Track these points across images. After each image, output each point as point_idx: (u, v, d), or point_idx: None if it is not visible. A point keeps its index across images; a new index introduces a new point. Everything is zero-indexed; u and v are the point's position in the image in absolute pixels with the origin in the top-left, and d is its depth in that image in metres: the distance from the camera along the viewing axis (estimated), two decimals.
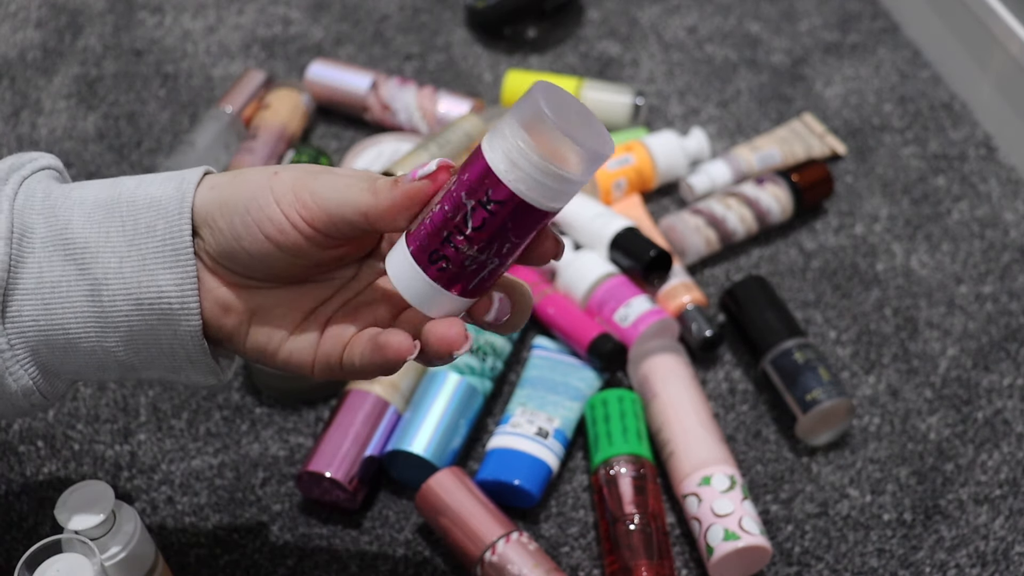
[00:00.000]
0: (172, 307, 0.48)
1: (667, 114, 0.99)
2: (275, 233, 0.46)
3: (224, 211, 0.47)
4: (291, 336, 0.50)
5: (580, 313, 0.81)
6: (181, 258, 0.48)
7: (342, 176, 0.46)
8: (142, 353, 0.50)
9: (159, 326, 0.49)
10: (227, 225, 0.47)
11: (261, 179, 0.47)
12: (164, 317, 0.49)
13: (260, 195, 0.46)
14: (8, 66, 1.02)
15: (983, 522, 0.73)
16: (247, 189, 0.47)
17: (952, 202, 0.92)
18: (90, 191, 0.50)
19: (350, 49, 1.04)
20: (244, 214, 0.46)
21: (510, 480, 0.71)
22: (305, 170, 0.47)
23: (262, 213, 0.46)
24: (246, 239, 0.47)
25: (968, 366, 0.81)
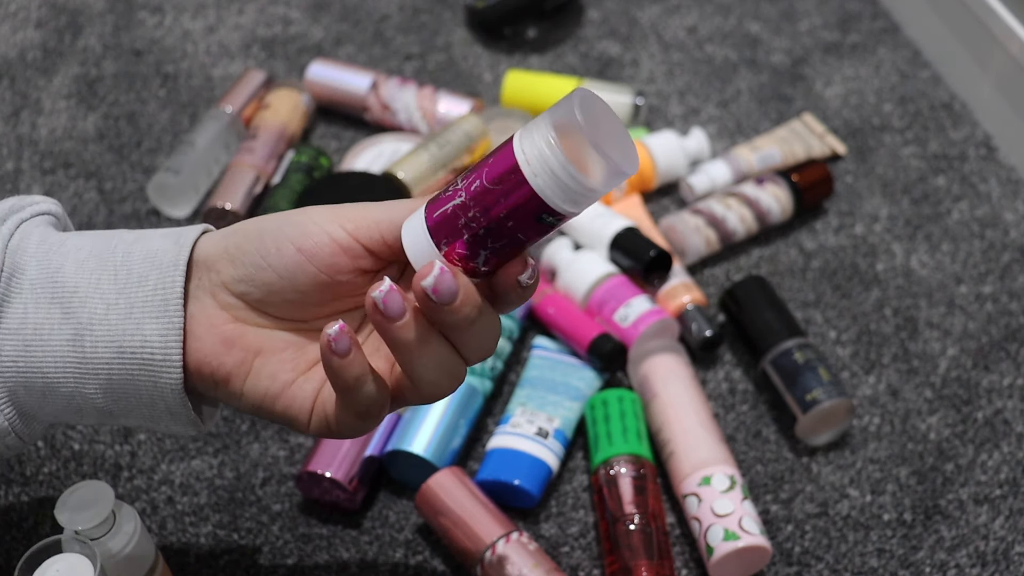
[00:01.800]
0: (155, 357, 0.47)
1: (667, 114, 0.99)
2: (311, 245, 0.46)
3: (250, 237, 0.47)
4: (294, 382, 0.49)
5: (580, 313, 0.81)
6: (169, 309, 0.47)
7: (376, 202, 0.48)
8: (121, 402, 0.49)
9: (140, 376, 0.48)
10: (254, 247, 0.47)
11: (286, 212, 0.48)
12: (145, 367, 0.48)
13: (292, 217, 0.47)
14: (8, 66, 1.02)
15: (983, 522, 0.73)
16: (273, 219, 0.47)
17: (952, 202, 0.93)
18: (86, 240, 0.50)
19: (350, 49, 1.04)
20: (276, 231, 0.47)
21: (510, 480, 0.71)
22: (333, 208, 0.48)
23: (297, 229, 0.46)
24: (275, 255, 0.46)
25: (968, 366, 0.81)
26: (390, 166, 0.87)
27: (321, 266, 0.46)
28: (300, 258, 0.46)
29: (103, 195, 0.91)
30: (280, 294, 0.47)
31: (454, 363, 0.46)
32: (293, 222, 0.47)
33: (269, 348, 0.49)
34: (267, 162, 0.91)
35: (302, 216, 0.47)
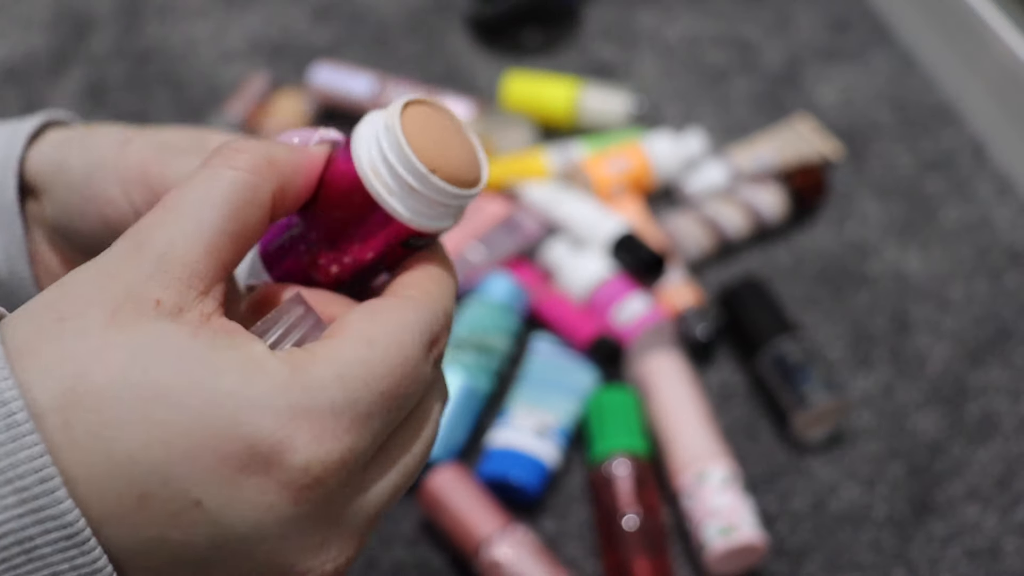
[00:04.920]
0: (1, 275, 0.40)
1: (664, 117, 1.00)
2: (116, 218, 0.37)
3: (63, 178, 0.38)
4: None
5: (579, 313, 0.82)
6: (5, 218, 0.39)
7: (192, 163, 0.36)
8: None
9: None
10: (64, 196, 0.38)
11: (110, 147, 0.38)
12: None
13: (104, 168, 0.38)
14: (16, 69, 1.03)
15: (974, 517, 0.74)
16: (92, 156, 0.38)
17: (943, 204, 0.94)
18: None
19: (353, 53, 1.05)
20: (84, 188, 0.38)
21: (510, 476, 0.72)
22: (161, 145, 0.38)
23: (103, 192, 0.37)
24: (82, 218, 0.38)
25: (959, 365, 0.82)
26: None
27: (118, 232, 0.35)
28: (107, 231, 0.37)
29: None
30: (92, 242, 0.38)
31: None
32: (104, 179, 0.37)
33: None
34: None
35: (113, 174, 0.37)
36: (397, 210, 0.32)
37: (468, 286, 0.84)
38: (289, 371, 0.28)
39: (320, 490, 0.28)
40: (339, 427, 0.28)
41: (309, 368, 0.28)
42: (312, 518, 0.28)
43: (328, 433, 0.28)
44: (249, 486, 0.27)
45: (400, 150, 0.31)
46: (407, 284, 0.33)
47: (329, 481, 0.28)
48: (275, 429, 0.27)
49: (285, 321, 0.31)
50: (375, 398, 0.29)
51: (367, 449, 0.29)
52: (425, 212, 0.33)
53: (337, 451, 0.28)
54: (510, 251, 0.86)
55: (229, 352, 0.28)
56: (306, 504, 0.28)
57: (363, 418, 0.28)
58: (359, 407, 0.28)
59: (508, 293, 0.81)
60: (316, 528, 0.29)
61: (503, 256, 0.85)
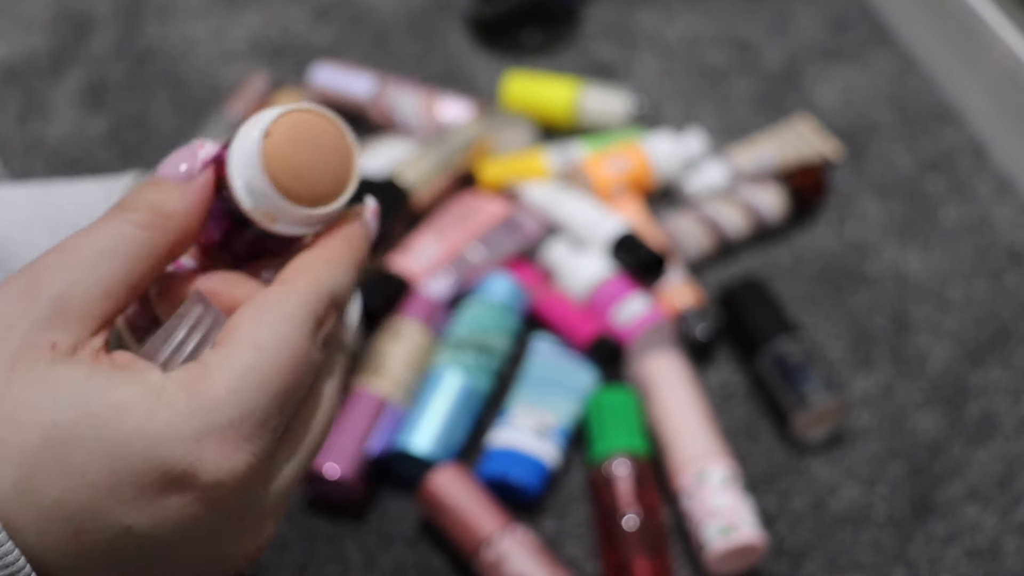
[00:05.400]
0: None
1: (664, 117, 1.00)
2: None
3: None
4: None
5: (579, 313, 0.82)
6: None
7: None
8: None
9: None
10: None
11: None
12: None
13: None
14: (17, 70, 1.03)
15: (974, 517, 0.74)
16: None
17: (943, 204, 0.94)
18: (19, 191, 0.47)
19: (353, 53, 1.06)
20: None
21: (510, 476, 0.72)
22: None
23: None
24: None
25: (959, 365, 0.82)
26: (393, 170, 0.88)
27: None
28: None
29: None
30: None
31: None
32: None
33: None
34: None
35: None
36: (271, 228, 0.35)
37: (468, 286, 0.84)
38: (186, 397, 0.30)
39: (233, 493, 0.31)
40: (240, 438, 0.31)
41: (204, 388, 0.31)
42: (230, 514, 0.32)
43: (231, 447, 0.31)
44: (170, 505, 0.30)
45: (262, 184, 0.34)
46: (296, 267, 0.35)
47: (238, 486, 0.31)
48: (184, 455, 0.30)
49: (185, 326, 0.34)
50: (270, 401, 0.32)
51: (269, 446, 0.32)
52: (300, 228, 0.35)
53: (243, 460, 0.31)
54: (510, 251, 0.86)
55: (127, 388, 0.30)
56: (223, 506, 0.31)
57: (261, 422, 0.32)
58: (256, 414, 0.31)
59: (508, 293, 0.81)
60: (236, 520, 0.32)
61: (503, 256, 0.85)
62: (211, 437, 0.30)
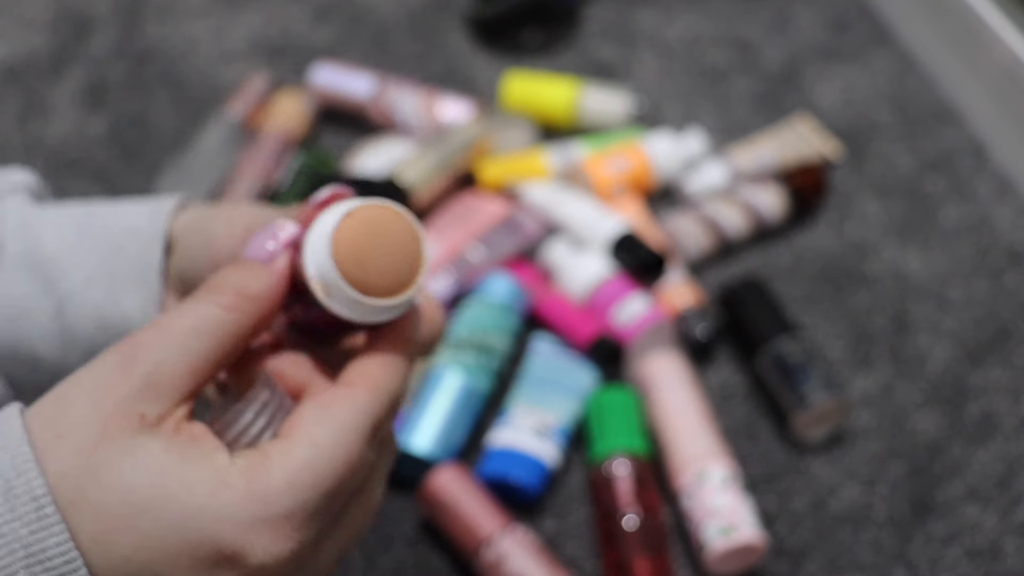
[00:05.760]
0: (134, 331, 0.46)
1: (664, 117, 1.01)
2: (222, 263, 0.44)
3: (191, 238, 0.46)
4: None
5: (579, 313, 0.82)
6: (147, 279, 0.46)
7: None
8: None
9: None
10: (186, 251, 0.46)
11: (224, 212, 0.46)
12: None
13: (216, 228, 0.45)
14: (17, 70, 1.03)
15: (974, 517, 0.74)
16: (211, 221, 0.46)
17: (943, 204, 0.94)
18: (64, 212, 0.49)
19: (353, 53, 1.06)
20: (201, 244, 0.45)
21: (510, 476, 0.72)
22: (262, 210, 0.45)
23: (213, 246, 0.44)
24: (198, 269, 0.45)
25: (959, 365, 0.83)
26: (394, 170, 0.88)
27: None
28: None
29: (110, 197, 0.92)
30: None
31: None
32: (214, 235, 0.44)
33: None
34: (271, 165, 0.92)
35: (224, 226, 0.44)
36: (341, 313, 0.37)
37: (468, 286, 0.84)
38: (246, 483, 0.34)
39: (276, 574, 0.35)
40: (290, 528, 0.34)
41: (263, 478, 0.34)
42: None
43: (280, 536, 0.34)
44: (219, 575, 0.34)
45: (333, 273, 0.36)
46: (358, 372, 0.38)
47: (283, 569, 0.35)
48: (236, 537, 0.33)
49: (252, 409, 0.37)
50: (321, 498, 0.35)
51: (315, 536, 0.35)
52: (366, 315, 0.37)
53: (288, 548, 0.34)
54: (510, 251, 0.86)
55: (197, 466, 0.34)
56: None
57: (311, 516, 0.35)
58: (308, 508, 0.34)
59: (508, 293, 0.81)
60: None
61: (503, 256, 0.86)
62: (264, 525, 0.34)
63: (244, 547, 0.34)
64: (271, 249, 0.39)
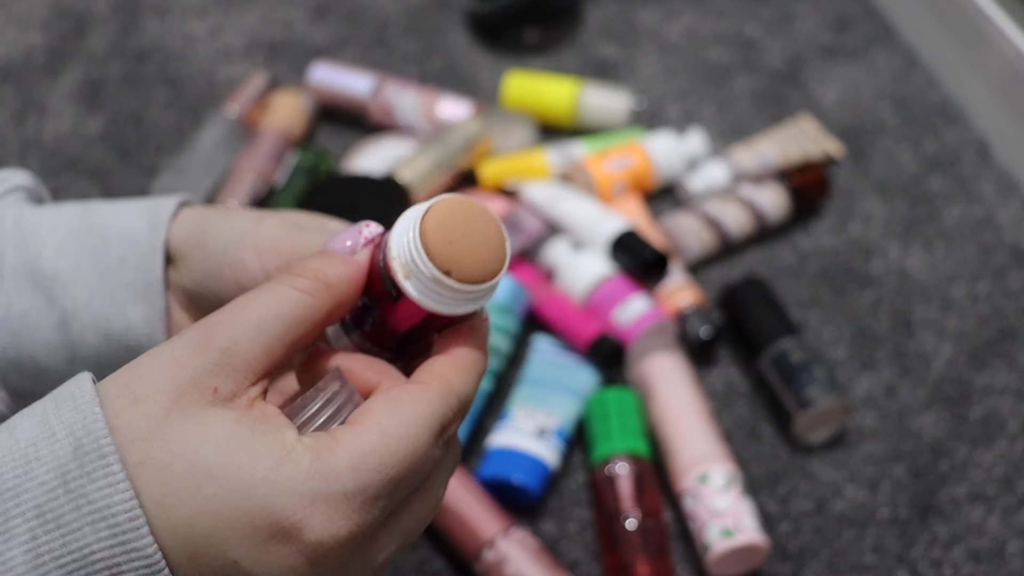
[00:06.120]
0: (140, 342, 0.47)
1: (665, 116, 1.00)
2: (248, 281, 0.44)
3: (202, 248, 0.46)
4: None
5: (579, 313, 0.81)
6: (151, 292, 0.47)
7: (324, 239, 0.44)
8: None
9: (127, 360, 0.46)
10: (202, 263, 0.46)
11: (245, 224, 0.46)
12: (132, 351, 0.47)
13: (242, 240, 0.45)
14: (13, 68, 1.03)
15: (978, 519, 0.74)
16: (229, 231, 0.46)
17: (947, 203, 0.93)
18: (63, 218, 0.49)
19: (352, 52, 1.05)
20: (222, 255, 0.45)
21: (510, 478, 0.72)
22: (291, 223, 0.45)
23: (240, 261, 0.45)
24: (220, 281, 0.45)
25: (963, 365, 0.82)
26: (392, 168, 0.88)
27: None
28: (239, 289, 0.44)
29: (107, 196, 0.92)
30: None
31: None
32: (241, 250, 0.45)
33: None
34: (270, 164, 0.92)
35: (250, 245, 0.45)
36: (421, 301, 0.37)
37: None
38: (311, 460, 0.34)
39: (332, 556, 0.34)
40: (349, 509, 0.34)
41: (328, 458, 0.34)
42: (324, 574, 0.35)
43: (340, 515, 0.34)
44: (275, 552, 0.34)
45: (418, 253, 0.37)
46: (431, 371, 0.38)
47: (339, 549, 0.34)
48: (296, 510, 0.34)
49: (321, 398, 0.37)
50: (383, 484, 0.35)
51: (374, 523, 0.35)
52: (445, 303, 0.38)
53: (346, 529, 0.34)
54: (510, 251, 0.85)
55: (265, 439, 0.34)
56: (320, 566, 0.34)
57: (372, 500, 0.35)
58: (368, 492, 0.35)
59: (508, 293, 0.81)
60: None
61: None
62: (324, 501, 0.34)
63: (301, 521, 0.34)
64: (352, 243, 0.40)
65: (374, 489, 0.35)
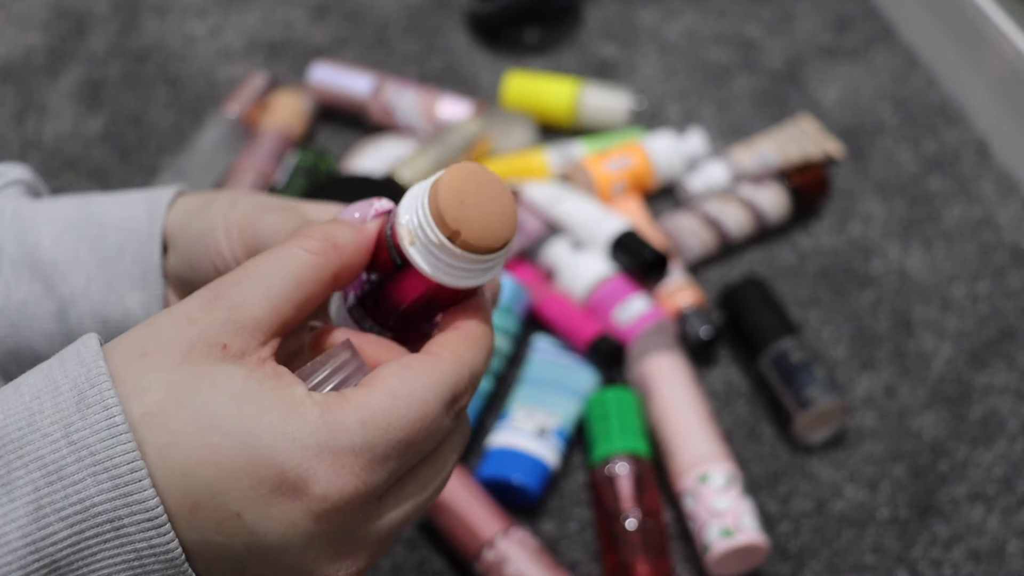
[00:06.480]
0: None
1: (665, 116, 1.00)
2: (223, 267, 0.45)
3: (186, 237, 0.46)
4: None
5: (579, 313, 0.81)
6: (149, 279, 0.47)
7: (289, 220, 0.44)
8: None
9: None
10: (185, 249, 0.46)
11: (221, 207, 0.46)
12: None
13: (215, 224, 0.45)
14: (14, 68, 1.03)
15: (977, 519, 0.74)
16: (207, 216, 0.46)
17: (947, 203, 0.93)
18: (61, 209, 0.49)
19: (352, 52, 1.05)
20: (200, 240, 0.46)
21: (510, 477, 0.72)
22: (258, 205, 0.45)
23: (214, 246, 0.45)
24: (200, 268, 0.46)
25: (962, 365, 0.82)
26: (392, 168, 0.88)
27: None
28: (217, 275, 0.43)
29: None
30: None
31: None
32: (214, 235, 0.45)
33: None
34: (270, 164, 0.92)
35: (220, 229, 0.45)
36: (427, 271, 0.37)
37: None
38: (319, 413, 0.34)
39: (336, 514, 0.34)
40: (356, 465, 0.34)
41: (338, 413, 0.34)
42: (329, 535, 0.35)
43: (346, 469, 0.34)
44: (278, 505, 0.33)
45: (425, 216, 0.37)
46: (441, 343, 0.38)
47: (344, 507, 0.34)
48: (301, 461, 0.33)
49: (332, 364, 0.37)
50: (392, 444, 0.35)
51: (381, 484, 0.35)
52: (453, 273, 0.37)
53: (352, 484, 0.34)
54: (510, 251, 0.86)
55: (274, 392, 0.34)
56: (324, 524, 0.34)
57: (379, 459, 0.34)
58: (377, 450, 0.34)
59: (508, 293, 0.81)
60: (332, 543, 0.35)
61: None
62: (330, 455, 0.33)
63: (307, 472, 0.33)
64: (362, 214, 0.40)
65: (382, 448, 0.34)
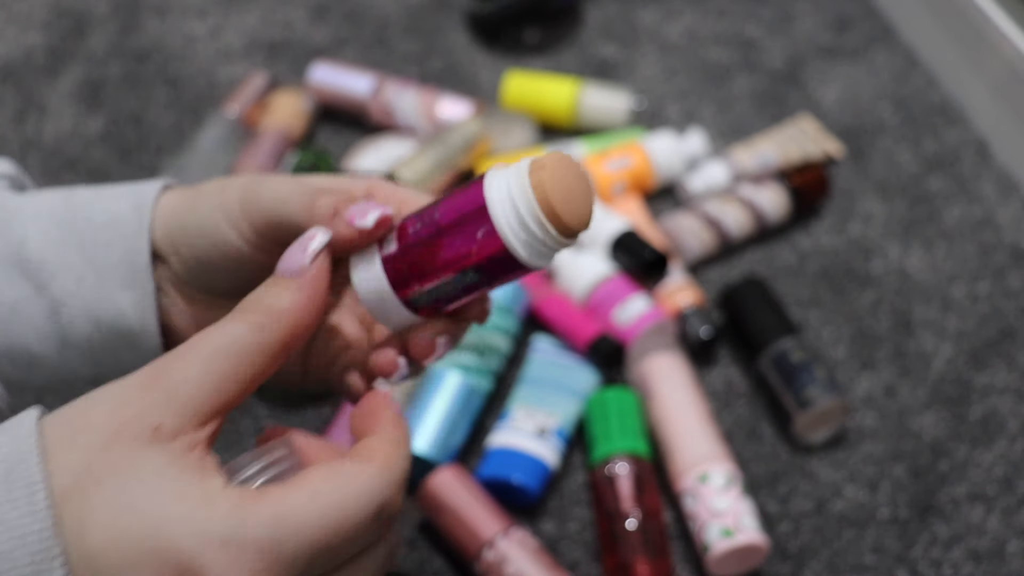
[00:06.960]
0: (132, 328, 0.47)
1: (665, 116, 1.00)
2: (234, 253, 0.44)
3: (186, 238, 0.46)
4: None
5: (579, 313, 0.81)
6: (139, 277, 0.46)
7: (287, 181, 0.44)
8: (105, 371, 0.49)
9: (120, 346, 0.48)
10: (190, 252, 0.46)
11: (212, 199, 0.45)
12: (125, 337, 0.47)
13: (212, 214, 0.45)
14: (13, 68, 1.03)
15: (978, 519, 0.74)
16: (202, 212, 0.45)
17: (947, 203, 0.93)
18: (45, 204, 0.48)
19: (352, 52, 1.05)
20: (202, 234, 0.45)
21: (510, 478, 0.72)
22: (251, 179, 0.45)
23: (217, 235, 0.45)
24: (209, 265, 0.46)
25: (962, 365, 0.82)
26: (392, 168, 0.88)
27: (250, 265, 0.45)
28: (230, 263, 0.45)
29: None
30: (228, 283, 0.46)
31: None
32: (216, 226, 0.44)
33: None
34: (270, 164, 0.92)
35: (219, 217, 0.44)
36: (513, 245, 0.38)
37: None
38: (229, 507, 0.34)
39: None
40: (258, 562, 0.33)
41: (250, 507, 0.34)
42: None
43: (245, 566, 0.33)
44: None
45: (526, 197, 0.37)
46: (372, 448, 0.37)
47: None
48: (204, 552, 0.33)
49: (266, 459, 0.37)
50: (302, 545, 0.34)
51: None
52: (534, 250, 0.38)
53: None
54: None
55: (192, 481, 0.34)
56: None
57: (286, 561, 0.34)
58: (284, 550, 0.34)
59: (508, 293, 0.81)
60: None
61: None
62: (234, 548, 0.33)
63: (204, 566, 0.33)
64: (300, 262, 0.40)
65: (291, 548, 0.34)
